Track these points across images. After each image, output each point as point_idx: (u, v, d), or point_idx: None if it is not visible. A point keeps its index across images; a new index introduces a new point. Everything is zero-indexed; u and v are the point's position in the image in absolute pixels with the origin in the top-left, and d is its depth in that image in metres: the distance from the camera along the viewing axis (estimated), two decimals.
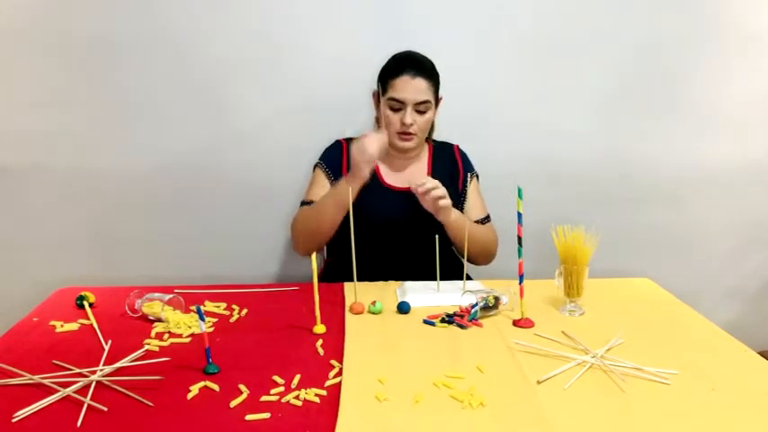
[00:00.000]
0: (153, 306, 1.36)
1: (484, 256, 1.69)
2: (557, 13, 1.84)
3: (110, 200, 1.89)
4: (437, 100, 1.63)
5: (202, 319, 1.14)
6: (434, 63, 1.62)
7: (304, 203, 1.66)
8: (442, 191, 1.50)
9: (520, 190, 1.32)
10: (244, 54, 1.79)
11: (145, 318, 1.37)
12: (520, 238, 1.35)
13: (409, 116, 1.56)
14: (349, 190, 1.42)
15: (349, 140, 1.71)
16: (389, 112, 1.59)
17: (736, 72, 1.95)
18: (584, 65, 1.90)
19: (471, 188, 1.73)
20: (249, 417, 0.99)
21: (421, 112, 1.58)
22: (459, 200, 1.71)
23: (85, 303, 1.42)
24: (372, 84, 1.70)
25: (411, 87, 1.55)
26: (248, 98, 1.84)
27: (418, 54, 1.64)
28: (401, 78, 1.56)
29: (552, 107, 1.93)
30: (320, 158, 1.72)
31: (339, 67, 1.83)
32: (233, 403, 1.03)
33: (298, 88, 1.84)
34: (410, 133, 1.59)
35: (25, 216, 1.88)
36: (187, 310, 1.40)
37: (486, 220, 1.75)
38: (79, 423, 0.97)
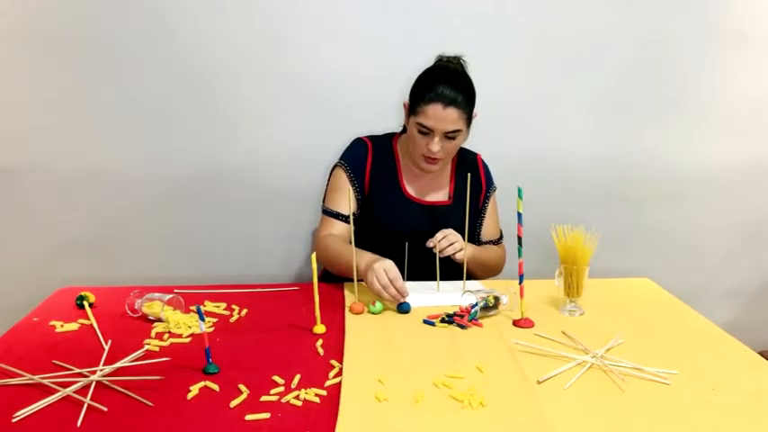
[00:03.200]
0: (153, 306, 1.36)
1: (491, 275, 1.68)
2: (556, 12, 1.84)
3: (110, 200, 1.88)
4: (470, 120, 1.53)
5: (202, 319, 1.14)
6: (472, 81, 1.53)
7: (326, 212, 1.61)
8: (456, 245, 1.49)
9: (520, 190, 1.32)
10: (245, 54, 1.79)
11: (145, 318, 1.37)
12: (520, 238, 1.35)
13: (436, 144, 1.48)
14: (355, 267, 1.41)
15: (372, 139, 1.65)
16: (417, 135, 1.50)
17: (736, 72, 1.94)
18: (583, 65, 1.90)
19: (489, 205, 1.71)
20: (249, 417, 0.99)
21: (450, 138, 1.50)
22: (477, 216, 1.70)
23: (85, 303, 1.42)
24: (372, 84, 1.70)
25: (441, 117, 1.45)
26: (248, 98, 1.83)
27: (455, 76, 1.50)
28: (432, 106, 1.45)
29: (552, 107, 1.93)
30: (341, 158, 1.64)
31: (340, 67, 1.83)
32: (233, 403, 1.03)
33: (298, 88, 1.83)
34: (436, 159, 1.52)
35: (25, 216, 1.88)
36: (187, 310, 1.39)
37: (499, 240, 1.74)
38: (79, 423, 0.97)
